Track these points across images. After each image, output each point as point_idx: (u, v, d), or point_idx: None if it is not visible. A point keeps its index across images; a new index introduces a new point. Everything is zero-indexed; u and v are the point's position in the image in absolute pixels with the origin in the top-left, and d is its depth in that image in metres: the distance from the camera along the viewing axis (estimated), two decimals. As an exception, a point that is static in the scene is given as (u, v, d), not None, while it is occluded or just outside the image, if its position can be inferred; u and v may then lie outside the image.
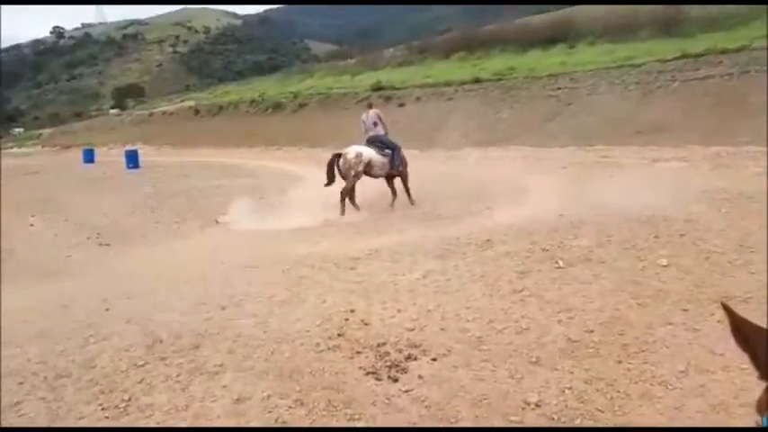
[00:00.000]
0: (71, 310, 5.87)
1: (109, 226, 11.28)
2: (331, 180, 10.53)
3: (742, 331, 0.86)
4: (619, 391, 3.59)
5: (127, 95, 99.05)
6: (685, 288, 5.17)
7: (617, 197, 9.10)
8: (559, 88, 20.07)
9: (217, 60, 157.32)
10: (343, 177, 10.49)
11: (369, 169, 10.51)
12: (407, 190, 10.97)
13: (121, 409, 3.75)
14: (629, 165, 13.01)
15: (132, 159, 25.55)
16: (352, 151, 10.48)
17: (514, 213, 8.80)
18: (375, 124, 10.95)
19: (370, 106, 11.65)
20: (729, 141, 13.17)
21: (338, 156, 10.58)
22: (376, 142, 10.73)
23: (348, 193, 10.47)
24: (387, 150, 10.70)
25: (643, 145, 14.61)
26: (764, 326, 0.95)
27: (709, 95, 15.44)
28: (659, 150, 13.99)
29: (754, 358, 0.86)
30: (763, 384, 0.88)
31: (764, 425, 0.82)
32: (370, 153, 10.51)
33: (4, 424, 3.65)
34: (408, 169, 11.11)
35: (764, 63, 15.17)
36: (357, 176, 10.45)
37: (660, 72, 17.87)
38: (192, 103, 49.07)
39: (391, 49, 50.93)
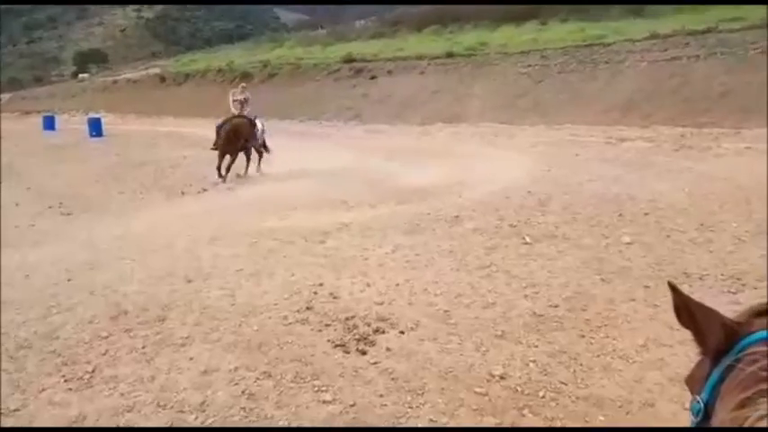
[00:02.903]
0: (33, 281, 5.74)
1: (72, 195, 10.99)
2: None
3: (688, 309, 0.89)
4: (581, 365, 3.69)
5: (89, 61, 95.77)
6: (647, 265, 5.30)
7: (584, 175, 9.24)
8: (530, 65, 20.09)
9: (184, 27, 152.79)
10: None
11: None
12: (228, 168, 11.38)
13: (85, 381, 3.70)
14: (597, 144, 13.18)
15: (95, 127, 24.78)
16: None
17: (484, 190, 8.87)
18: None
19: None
20: (694, 123, 13.43)
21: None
22: None
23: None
24: None
25: (611, 124, 14.79)
26: (722, 302, 0.99)
27: (676, 76, 15.65)
28: (626, 130, 14.18)
29: (699, 335, 0.89)
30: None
31: (703, 401, 0.84)
32: None
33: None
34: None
35: (730, 46, 15.42)
36: None
37: (629, 52, 18.00)
38: (157, 70, 47.72)
39: (363, 21, 50.27)
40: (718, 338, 0.85)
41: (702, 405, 0.83)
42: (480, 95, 19.60)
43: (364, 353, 3.98)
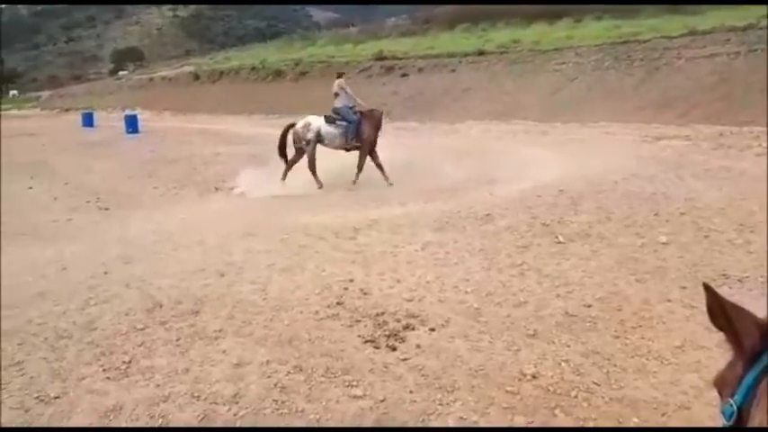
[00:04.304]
0: (71, 273, 5.89)
1: (108, 190, 11.27)
2: (281, 149, 10.53)
3: (723, 310, 0.87)
4: (615, 365, 3.62)
5: (126, 59, 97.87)
6: (684, 265, 5.19)
7: (618, 174, 9.07)
8: (564, 63, 19.86)
9: (217, 25, 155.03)
10: (296, 148, 10.50)
11: (320, 140, 10.46)
12: (378, 166, 10.47)
13: (122, 371, 3.79)
14: (632, 142, 12.93)
15: (132, 124, 25.36)
16: (301, 121, 10.55)
17: (515, 188, 8.79)
18: (336, 95, 10.81)
19: (339, 76, 11.36)
20: (733, 121, 13.09)
21: (291, 126, 10.61)
22: (333, 113, 10.65)
23: (311, 165, 10.41)
24: (340, 122, 10.51)
25: (646, 122, 14.51)
26: (763, 304, 0.96)
27: (715, 74, 15.28)
28: (662, 128, 13.90)
29: (733, 336, 0.88)
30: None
31: (737, 403, 0.82)
32: (319, 123, 10.46)
33: (5, 381, 3.69)
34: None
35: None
36: (309, 145, 10.39)
37: (666, 49, 17.65)
38: (192, 68, 48.60)
39: (394, 18, 50.29)
40: (752, 339, 0.83)
41: (736, 408, 0.82)
42: (512, 93, 19.44)
43: (394, 349, 3.98)
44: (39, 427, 3.27)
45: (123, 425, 3.27)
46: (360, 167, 10.38)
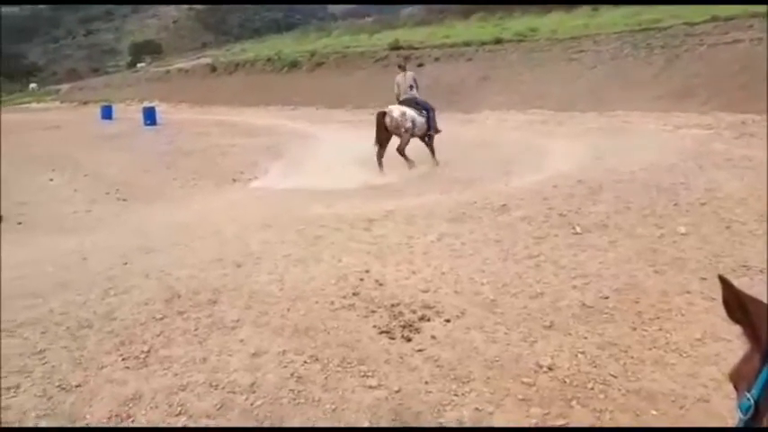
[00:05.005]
0: (91, 264, 5.98)
1: (127, 182, 11.39)
2: (383, 139, 10.66)
3: (740, 303, 0.86)
4: (632, 357, 3.60)
5: (144, 52, 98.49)
6: (704, 257, 5.12)
7: (637, 164, 8.96)
8: (582, 51, 19.57)
9: (233, 17, 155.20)
10: (392, 134, 10.68)
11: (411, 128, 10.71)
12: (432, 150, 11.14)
13: (141, 360, 3.84)
14: (652, 131, 12.73)
15: (150, 116, 25.54)
16: (396, 110, 10.68)
17: (532, 178, 8.72)
18: (411, 87, 11.11)
19: (403, 68, 11.61)
20: (756, 109, 12.81)
21: (383, 114, 10.68)
22: (412, 103, 10.89)
23: (404, 148, 10.65)
24: (424, 111, 10.91)
25: (666, 111, 14.25)
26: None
27: (737, 61, 14.97)
28: (683, 117, 13.66)
29: (750, 330, 0.86)
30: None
31: (754, 398, 0.81)
32: (412, 113, 10.71)
33: (28, 369, 3.76)
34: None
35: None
36: (408, 132, 10.62)
37: (687, 35, 17.31)
38: (208, 60, 48.77)
39: (409, 8, 50.03)
40: None
41: (753, 402, 0.81)
42: (529, 82, 19.23)
43: (409, 340, 3.99)
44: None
45: (142, 414, 3.32)
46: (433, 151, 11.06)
